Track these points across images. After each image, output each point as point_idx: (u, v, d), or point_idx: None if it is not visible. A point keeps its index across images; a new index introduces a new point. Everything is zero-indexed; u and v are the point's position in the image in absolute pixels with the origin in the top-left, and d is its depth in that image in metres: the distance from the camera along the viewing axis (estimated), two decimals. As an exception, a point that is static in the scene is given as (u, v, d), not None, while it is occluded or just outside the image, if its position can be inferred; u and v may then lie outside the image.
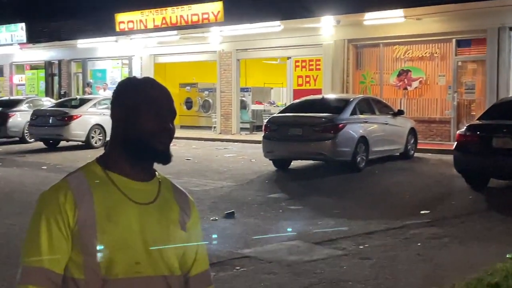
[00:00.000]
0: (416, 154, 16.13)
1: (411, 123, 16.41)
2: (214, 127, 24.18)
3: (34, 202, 1.95)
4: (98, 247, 1.84)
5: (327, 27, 20.24)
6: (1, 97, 28.82)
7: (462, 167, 11.29)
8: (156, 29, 22.78)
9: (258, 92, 26.25)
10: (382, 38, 19.74)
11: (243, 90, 24.84)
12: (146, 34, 23.86)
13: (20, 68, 32.15)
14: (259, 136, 16.51)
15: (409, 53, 19.61)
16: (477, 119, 12.08)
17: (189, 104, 26.08)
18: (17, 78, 32.16)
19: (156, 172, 2.03)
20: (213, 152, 17.76)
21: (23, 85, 31.83)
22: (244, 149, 18.27)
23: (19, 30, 27.55)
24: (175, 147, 16.56)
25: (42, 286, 1.81)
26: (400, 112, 15.89)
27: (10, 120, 20.74)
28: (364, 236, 7.87)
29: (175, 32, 22.91)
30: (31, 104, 21.74)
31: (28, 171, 13.98)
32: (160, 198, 1.98)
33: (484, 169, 10.99)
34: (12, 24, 27.68)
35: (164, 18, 22.21)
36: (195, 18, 21.37)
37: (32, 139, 20.35)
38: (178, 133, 2.02)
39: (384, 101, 17.22)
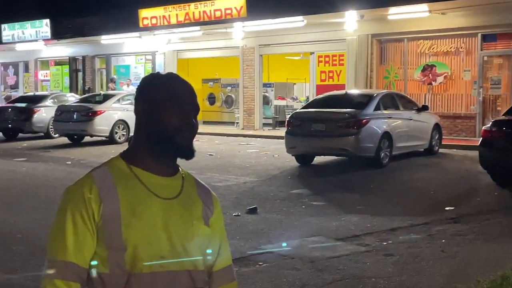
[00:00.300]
0: (440, 150, 16.00)
1: (436, 119, 16.26)
2: (237, 122, 24.20)
3: (59, 197, 1.96)
4: (122, 242, 1.85)
5: (351, 22, 20.12)
6: (26, 93, 29.20)
7: (487, 163, 11.16)
8: (179, 25, 22.86)
9: (280, 88, 26.21)
10: (407, 33, 19.58)
11: (266, 85, 24.82)
12: (169, 30, 23.95)
13: (45, 64, 32.49)
14: (281, 131, 16.48)
15: (433, 48, 19.42)
16: (503, 115, 11.92)
17: (212, 99, 26.13)
18: (42, 74, 32.50)
19: (180, 168, 2.04)
20: (236, 148, 17.77)
21: (48, 81, 32.15)
22: (267, 145, 18.26)
23: (43, 26, 27.82)
24: (198, 142, 16.60)
25: (68, 280, 1.83)
26: (424, 108, 15.75)
27: (35, 115, 20.96)
28: (388, 232, 7.81)
29: (198, 27, 22.96)
30: (55, 100, 21.94)
31: (53, 166, 14.12)
32: (184, 193, 1.98)
33: (510, 165, 10.84)
34: (37, 21, 27.96)
35: (187, 13, 22.26)
36: (218, 14, 21.39)
37: (57, 135, 20.56)
38: (201, 128, 2.02)
39: (408, 97, 17.10)
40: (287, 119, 14.63)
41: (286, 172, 13.00)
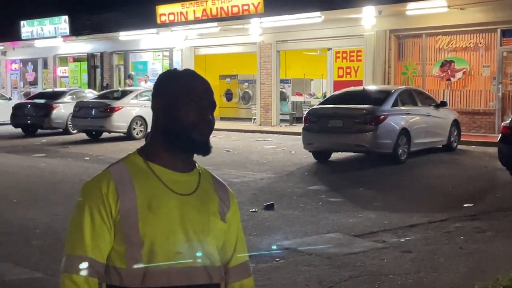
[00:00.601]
0: (459, 147, 15.88)
1: (454, 115, 16.14)
2: (254, 118, 24.20)
3: (77, 192, 1.98)
4: (139, 237, 1.86)
5: (369, 18, 20.02)
6: (45, 89, 29.44)
7: (506, 160, 11.06)
8: (197, 21, 22.88)
9: (298, 84, 26.16)
10: (425, 29, 19.45)
11: (283, 81, 24.79)
12: (187, 26, 23.98)
13: (63, 60, 32.71)
14: (299, 128, 16.45)
15: (452, 44, 19.26)
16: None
17: (229, 95, 26.15)
18: (60, 70, 32.73)
19: (196, 164, 2.04)
20: (253, 144, 17.78)
21: (67, 77, 32.38)
22: (284, 141, 18.25)
23: (62, 23, 27.99)
24: (215, 138, 16.64)
25: (85, 275, 1.85)
26: (443, 104, 15.65)
27: (54, 111, 21.12)
28: (405, 229, 7.78)
29: (215, 24, 22.98)
30: (74, 96, 22.10)
31: (71, 162, 14.23)
32: (200, 189, 1.99)
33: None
34: (56, 17, 28.14)
35: (204, 10, 22.28)
36: (235, 10, 21.38)
37: (75, 131, 20.70)
38: (218, 124, 2.02)
39: (427, 93, 16.98)
40: (304, 115, 14.60)
41: (303, 169, 12.99)
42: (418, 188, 10.86)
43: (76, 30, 27.62)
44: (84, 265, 1.85)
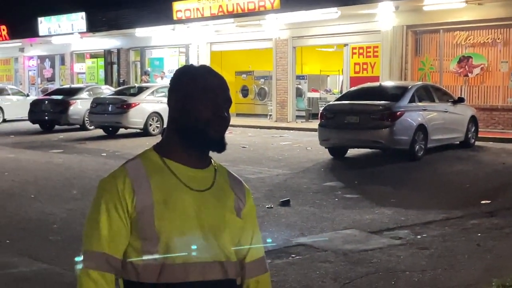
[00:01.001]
0: (476, 143, 15.76)
1: (472, 111, 16.01)
2: (270, 115, 24.18)
3: (94, 188, 1.99)
4: (155, 233, 1.87)
5: (385, 13, 19.91)
6: (62, 85, 29.63)
7: (524, 156, 10.96)
8: (213, 17, 22.89)
9: (314, 80, 26.09)
10: (442, 24, 19.30)
11: (299, 77, 24.73)
12: (203, 22, 24.01)
13: (80, 57, 32.90)
14: (315, 124, 16.41)
15: (470, 39, 19.10)
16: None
17: (245, 92, 26.14)
18: (77, 67, 32.92)
19: (212, 160, 2.04)
20: (269, 140, 17.78)
21: (84, 73, 32.57)
22: (300, 137, 18.23)
23: (79, 19, 28.14)
24: (231, 135, 16.66)
25: (102, 271, 1.86)
26: (460, 100, 15.53)
27: (71, 107, 21.25)
28: (422, 225, 7.74)
29: (231, 20, 22.97)
30: (91, 92, 22.23)
31: (88, 157, 14.32)
32: (216, 185, 1.99)
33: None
34: (73, 14, 28.30)
35: (220, 6, 22.29)
36: (251, 6, 21.36)
37: (92, 127, 20.81)
38: (234, 121, 2.02)
39: (444, 89, 16.86)
40: (320, 112, 14.57)
41: (319, 165, 12.96)
42: (435, 184, 10.80)
43: (93, 27, 27.76)
44: (101, 261, 1.86)
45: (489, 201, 9.09)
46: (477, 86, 19.14)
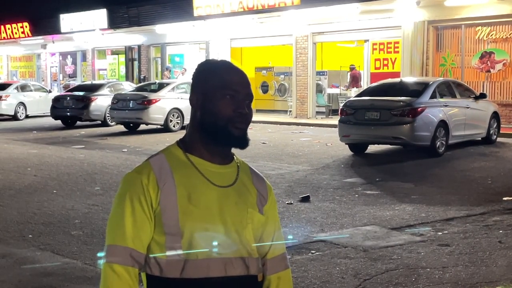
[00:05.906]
0: (498, 139, 15.62)
1: (494, 107, 15.86)
2: (290, 111, 24.16)
3: (115, 183, 2.02)
4: (179, 228, 1.88)
5: (406, 9, 19.78)
6: (84, 81, 29.87)
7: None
8: (233, 13, 22.92)
9: (334, 76, 26.00)
10: (464, 19, 19.13)
11: (319, 73, 24.66)
12: (223, 19, 24.04)
13: (101, 53, 33.12)
14: (335, 120, 16.36)
15: (492, 35, 18.91)
16: None
17: (265, 88, 26.13)
18: (99, 63, 33.14)
19: (235, 156, 2.05)
20: (289, 136, 17.76)
21: (105, 69, 32.78)
22: (320, 133, 18.19)
23: (100, 16, 28.33)
24: (251, 131, 16.58)
25: (126, 265, 1.88)
26: (482, 96, 15.39)
27: (93, 104, 21.42)
28: (443, 222, 7.70)
29: (251, 16, 22.96)
30: (112, 89, 22.37)
31: (110, 153, 14.42)
32: (239, 181, 2.00)
33: None
34: (94, 10, 28.50)
35: (240, 2, 22.30)
36: (271, 2, 21.35)
37: (113, 123, 20.97)
38: (254, 116, 2.02)
39: (466, 84, 16.72)
40: (340, 108, 14.52)
41: (339, 161, 12.93)
42: (457, 181, 10.72)
43: (114, 23, 27.94)
44: (125, 255, 1.88)
45: (511, 198, 9.01)
46: (499, 82, 18.95)
